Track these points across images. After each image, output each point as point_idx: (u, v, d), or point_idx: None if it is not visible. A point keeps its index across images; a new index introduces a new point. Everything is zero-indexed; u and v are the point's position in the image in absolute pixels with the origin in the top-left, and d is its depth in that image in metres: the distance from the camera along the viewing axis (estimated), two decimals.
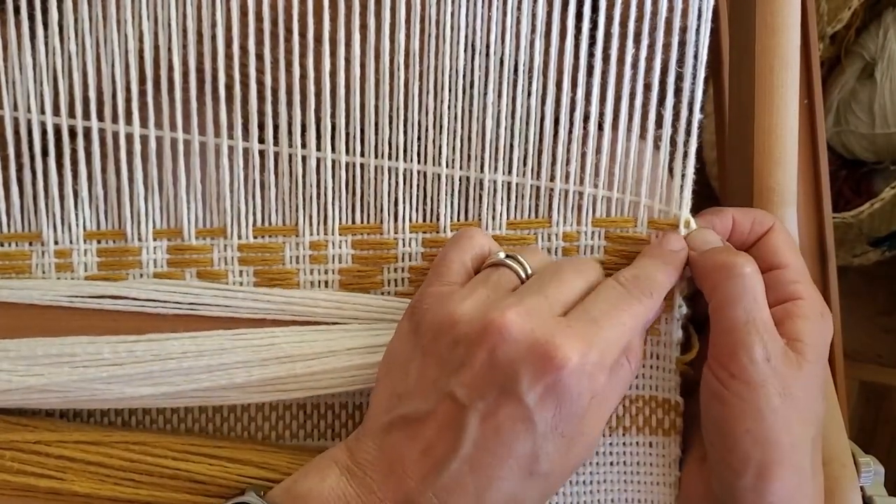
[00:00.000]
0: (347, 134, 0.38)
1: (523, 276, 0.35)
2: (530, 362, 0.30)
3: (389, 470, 0.31)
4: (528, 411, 0.30)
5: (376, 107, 0.38)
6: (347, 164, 0.38)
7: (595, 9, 0.37)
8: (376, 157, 0.38)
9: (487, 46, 0.37)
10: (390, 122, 0.38)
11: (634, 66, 0.37)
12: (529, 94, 0.37)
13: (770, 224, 0.37)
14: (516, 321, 0.31)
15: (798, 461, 0.33)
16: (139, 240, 0.38)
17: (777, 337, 0.33)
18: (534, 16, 0.37)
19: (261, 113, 0.38)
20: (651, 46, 0.37)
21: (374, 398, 0.34)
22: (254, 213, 0.38)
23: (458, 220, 0.38)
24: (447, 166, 0.38)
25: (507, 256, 0.35)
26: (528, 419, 0.30)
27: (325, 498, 0.31)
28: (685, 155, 0.37)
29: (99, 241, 0.39)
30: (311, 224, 0.39)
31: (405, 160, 0.38)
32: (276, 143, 0.38)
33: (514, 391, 0.30)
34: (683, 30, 0.36)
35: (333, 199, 0.38)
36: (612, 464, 0.39)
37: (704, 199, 0.39)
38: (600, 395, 0.32)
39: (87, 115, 0.38)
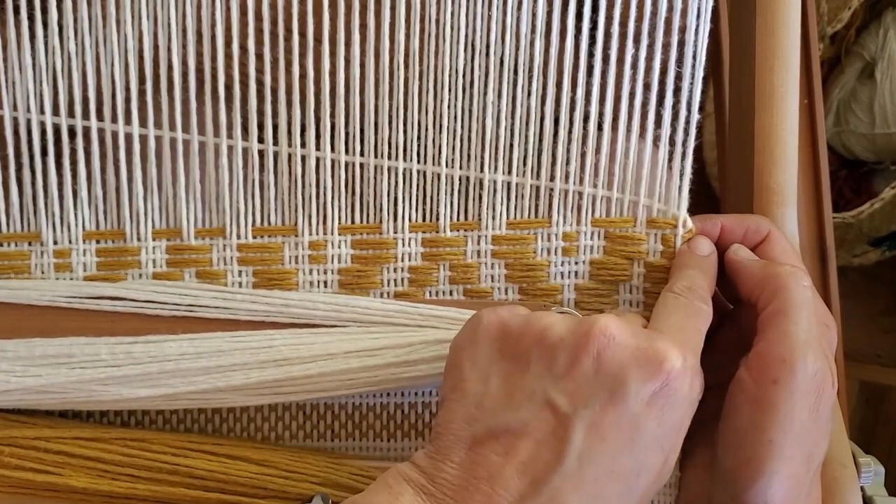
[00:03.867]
0: (347, 133, 0.38)
1: None
2: (638, 366, 0.29)
3: (476, 489, 0.28)
4: (635, 418, 0.29)
5: (376, 106, 0.38)
6: (347, 164, 0.38)
7: (595, 9, 0.36)
8: (376, 156, 0.38)
9: (487, 46, 0.37)
10: (390, 122, 0.38)
11: (634, 65, 0.37)
12: (529, 93, 0.37)
13: (766, 232, 0.37)
14: (619, 327, 0.30)
15: (801, 475, 0.33)
16: (138, 240, 0.38)
17: (824, 355, 0.33)
18: (534, 15, 0.37)
19: (260, 113, 0.38)
20: (651, 46, 0.37)
21: (444, 413, 0.31)
22: (253, 213, 0.38)
23: (458, 219, 0.38)
24: (447, 166, 0.38)
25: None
26: (634, 428, 0.29)
27: None
28: (684, 154, 0.37)
29: (98, 241, 0.38)
30: (310, 224, 0.38)
31: (405, 160, 0.38)
32: (275, 142, 0.38)
33: (622, 397, 0.29)
34: (683, 30, 0.36)
35: (333, 198, 0.38)
36: None
37: (704, 199, 0.39)
38: (692, 405, 0.31)
39: (86, 115, 0.38)
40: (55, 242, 0.38)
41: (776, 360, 0.32)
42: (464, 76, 0.37)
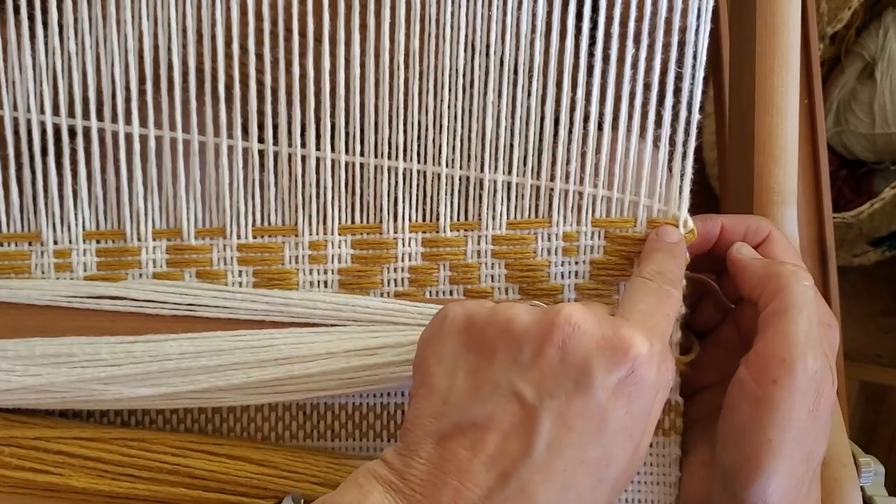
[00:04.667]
0: (347, 133, 0.38)
1: None
2: (603, 355, 0.29)
3: (444, 484, 0.28)
4: (602, 407, 0.29)
5: (376, 106, 0.38)
6: (347, 164, 0.38)
7: (595, 9, 0.36)
8: (376, 156, 0.38)
9: (487, 46, 0.37)
10: (390, 122, 0.38)
11: (634, 65, 0.37)
12: (529, 93, 0.37)
13: (766, 232, 0.37)
14: (583, 316, 0.30)
15: (801, 474, 0.33)
16: (138, 240, 0.38)
17: (824, 355, 0.33)
18: (534, 15, 0.37)
19: (260, 113, 0.38)
20: (651, 46, 0.37)
21: (412, 409, 0.31)
22: (253, 213, 0.38)
23: (458, 219, 0.38)
24: (447, 166, 0.38)
25: None
26: (601, 416, 0.29)
27: None
28: (684, 155, 0.37)
29: (98, 241, 0.38)
30: (310, 224, 0.38)
31: (405, 160, 0.38)
32: (275, 142, 0.38)
33: (588, 386, 0.29)
34: (683, 30, 0.36)
35: (333, 198, 0.38)
36: None
37: (704, 199, 0.39)
38: (661, 392, 0.31)
39: (86, 115, 0.38)
40: (55, 242, 0.38)
41: (776, 359, 0.32)
42: (464, 76, 0.37)
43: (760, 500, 0.32)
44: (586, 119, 0.37)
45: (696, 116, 0.37)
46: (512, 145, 0.38)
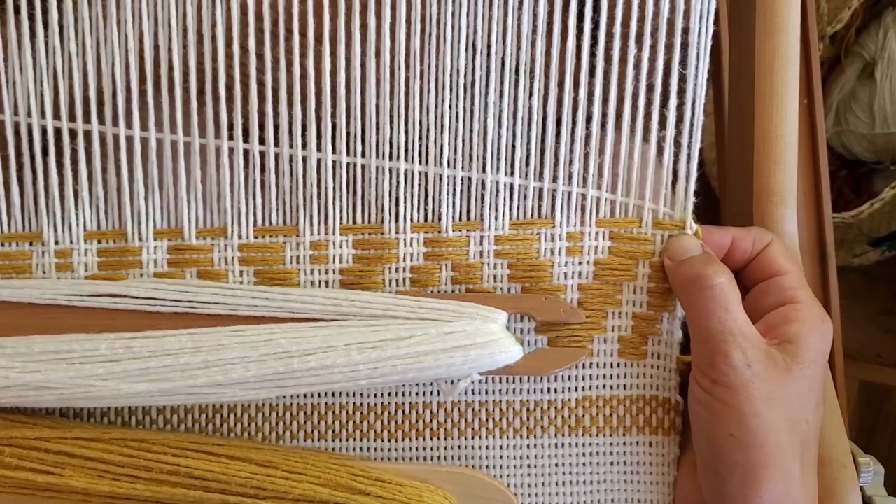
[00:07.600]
0: (348, 133, 0.38)
1: None
2: None
3: None
4: None
5: (377, 106, 0.38)
6: (348, 164, 0.38)
7: (596, 9, 0.36)
8: (377, 156, 0.38)
9: (489, 46, 0.37)
10: (391, 122, 0.38)
11: (636, 66, 0.37)
12: (531, 94, 0.37)
13: (769, 240, 0.38)
14: None
15: (785, 465, 0.33)
16: (139, 240, 0.38)
17: (758, 342, 0.34)
18: (535, 15, 0.37)
19: (261, 113, 0.38)
20: (653, 47, 0.37)
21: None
22: (254, 213, 0.38)
23: (460, 219, 0.38)
24: (448, 167, 0.38)
25: None
26: None
27: None
28: (688, 156, 0.37)
29: (99, 241, 0.38)
30: (311, 223, 0.38)
31: (406, 160, 0.38)
32: (276, 142, 0.38)
33: None
34: (685, 31, 0.36)
35: (334, 198, 0.38)
36: (612, 464, 0.39)
37: (704, 198, 0.39)
38: None
39: (87, 115, 0.38)
40: (56, 242, 0.38)
41: (705, 363, 0.34)
42: (465, 76, 0.37)
43: (742, 493, 0.33)
44: (589, 120, 0.37)
45: (699, 118, 0.37)
46: (514, 146, 0.38)
